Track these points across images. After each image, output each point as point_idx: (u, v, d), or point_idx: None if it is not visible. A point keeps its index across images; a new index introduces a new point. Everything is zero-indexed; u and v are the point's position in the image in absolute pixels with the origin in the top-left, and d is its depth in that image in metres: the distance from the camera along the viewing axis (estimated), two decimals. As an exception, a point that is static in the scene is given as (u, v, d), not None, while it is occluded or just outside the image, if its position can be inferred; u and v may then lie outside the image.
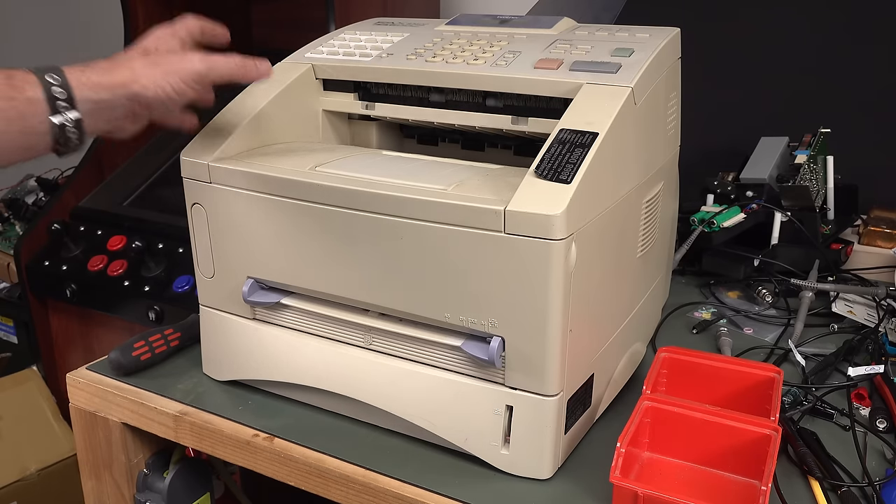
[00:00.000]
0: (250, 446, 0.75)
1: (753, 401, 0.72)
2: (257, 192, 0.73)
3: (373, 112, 0.87)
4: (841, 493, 0.67)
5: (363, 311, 0.74)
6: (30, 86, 0.63)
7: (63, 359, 1.66)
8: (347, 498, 0.71)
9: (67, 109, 0.64)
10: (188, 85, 0.69)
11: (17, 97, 0.62)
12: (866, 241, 1.15)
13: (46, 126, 0.64)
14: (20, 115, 0.62)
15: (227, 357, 0.83)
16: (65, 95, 0.64)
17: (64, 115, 0.64)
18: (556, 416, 0.67)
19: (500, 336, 0.66)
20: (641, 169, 0.77)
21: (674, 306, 1.03)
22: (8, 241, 1.79)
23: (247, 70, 0.72)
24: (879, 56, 1.29)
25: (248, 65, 0.72)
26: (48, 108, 0.63)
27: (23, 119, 0.63)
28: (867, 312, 0.99)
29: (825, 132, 1.17)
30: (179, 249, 1.43)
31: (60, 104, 0.64)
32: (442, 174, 0.71)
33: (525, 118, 0.78)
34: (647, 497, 0.60)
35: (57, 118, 0.64)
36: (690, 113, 0.91)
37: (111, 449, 0.85)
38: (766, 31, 1.37)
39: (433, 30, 0.90)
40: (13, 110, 0.62)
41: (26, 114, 0.63)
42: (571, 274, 0.63)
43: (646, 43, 0.78)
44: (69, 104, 0.64)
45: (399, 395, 0.72)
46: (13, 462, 1.53)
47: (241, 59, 0.72)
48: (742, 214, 1.09)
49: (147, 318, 1.42)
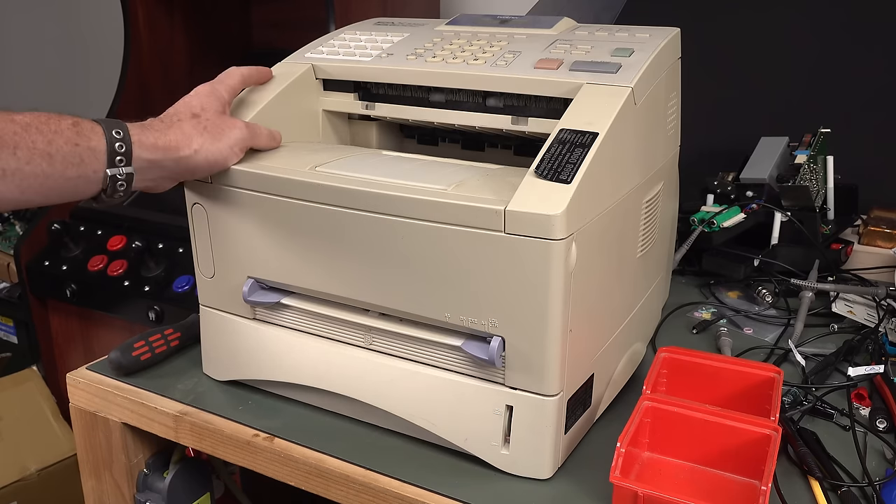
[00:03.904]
0: (250, 446, 0.75)
1: (753, 401, 0.72)
2: (257, 192, 0.73)
3: (373, 112, 0.87)
4: (841, 493, 0.67)
5: (363, 311, 0.74)
6: (95, 136, 0.66)
7: (63, 359, 1.67)
8: (347, 498, 0.71)
9: (123, 164, 0.67)
10: (235, 154, 0.74)
11: (81, 144, 0.65)
12: (866, 241, 1.15)
13: (100, 176, 0.66)
14: (80, 161, 0.65)
15: (227, 357, 0.83)
16: (124, 149, 0.67)
17: (119, 169, 0.67)
18: (556, 416, 0.67)
19: (501, 336, 0.66)
20: (641, 169, 0.77)
21: (674, 306, 1.03)
22: (8, 241, 1.79)
23: (276, 143, 0.79)
24: (879, 56, 1.29)
25: (277, 139, 0.79)
26: (107, 160, 0.66)
27: (81, 166, 0.65)
28: (867, 312, 0.99)
29: (825, 132, 1.16)
30: (179, 249, 1.44)
31: (119, 159, 0.67)
32: (442, 174, 0.71)
33: (525, 118, 0.78)
34: (647, 497, 0.60)
35: (112, 171, 0.66)
36: (690, 113, 0.91)
37: (111, 449, 0.85)
38: (766, 31, 1.37)
39: (433, 30, 0.90)
40: (76, 156, 0.65)
41: (86, 161, 0.65)
42: (571, 274, 0.63)
43: (646, 43, 0.78)
44: (126, 160, 0.67)
45: (399, 395, 0.72)
46: (13, 462, 1.53)
47: (274, 133, 0.78)
48: (742, 214, 1.09)
49: (147, 318, 1.42)
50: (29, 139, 0.62)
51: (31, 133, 0.62)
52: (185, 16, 1.77)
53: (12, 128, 0.62)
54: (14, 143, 0.61)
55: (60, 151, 0.64)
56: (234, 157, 0.74)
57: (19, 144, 0.62)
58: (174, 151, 0.70)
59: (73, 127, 0.65)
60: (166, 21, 1.74)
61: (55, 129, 0.64)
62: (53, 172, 0.64)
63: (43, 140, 0.63)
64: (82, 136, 0.65)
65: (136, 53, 1.69)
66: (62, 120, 0.65)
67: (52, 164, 0.63)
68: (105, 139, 0.66)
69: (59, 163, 0.64)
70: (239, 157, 0.74)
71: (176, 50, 1.77)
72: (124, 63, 1.69)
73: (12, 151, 0.61)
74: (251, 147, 0.76)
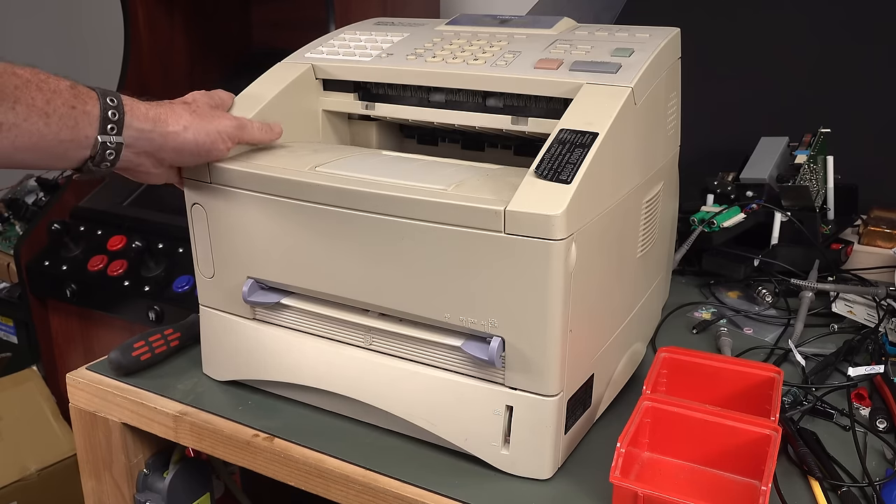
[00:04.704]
0: (250, 446, 0.75)
1: (753, 401, 0.72)
2: (257, 193, 0.73)
3: (373, 112, 0.87)
4: (841, 493, 0.67)
5: (363, 311, 0.74)
6: (91, 100, 0.66)
7: (63, 359, 1.66)
8: (347, 498, 0.71)
9: (115, 133, 0.67)
10: (221, 139, 0.73)
11: (77, 107, 0.65)
12: (866, 241, 1.15)
13: (91, 142, 0.66)
14: (75, 124, 0.65)
15: (226, 357, 0.83)
16: (116, 117, 0.67)
17: (110, 137, 0.67)
18: (556, 417, 0.67)
19: (500, 336, 0.66)
20: (641, 169, 0.77)
21: (674, 306, 1.03)
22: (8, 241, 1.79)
23: (272, 135, 0.79)
24: (879, 56, 1.29)
25: (276, 130, 0.79)
26: (99, 126, 0.66)
27: (75, 129, 0.65)
28: (867, 312, 0.99)
29: (825, 132, 1.17)
30: (179, 249, 1.44)
31: (110, 126, 0.66)
32: (442, 174, 0.71)
33: (525, 118, 0.78)
34: (647, 497, 0.60)
35: (103, 137, 0.66)
36: (690, 113, 0.91)
37: (111, 449, 0.85)
38: (766, 30, 1.37)
39: (433, 30, 0.90)
40: (71, 119, 0.64)
41: (80, 125, 0.65)
42: (571, 274, 0.63)
43: (646, 43, 0.78)
44: (118, 128, 0.67)
45: (399, 395, 0.72)
46: (13, 462, 1.53)
47: (266, 125, 0.78)
48: (742, 214, 1.09)
49: (147, 318, 1.42)
50: (28, 95, 0.62)
51: (30, 90, 0.62)
52: (185, 16, 1.77)
53: (14, 81, 0.61)
54: (14, 97, 0.61)
55: (57, 112, 0.63)
56: (221, 144, 0.73)
57: (19, 99, 0.61)
58: (163, 125, 0.69)
59: (70, 89, 0.65)
60: (166, 21, 1.74)
61: (54, 89, 0.63)
62: (48, 133, 0.63)
63: (42, 98, 0.62)
64: (79, 99, 0.65)
65: (136, 54, 1.69)
66: (60, 81, 0.64)
67: (49, 124, 0.63)
68: (100, 104, 0.66)
69: (55, 123, 0.63)
70: (227, 147, 0.74)
71: (176, 50, 1.77)
72: (124, 63, 1.69)
73: (11, 106, 0.61)
74: (243, 141, 0.76)
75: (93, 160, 0.67)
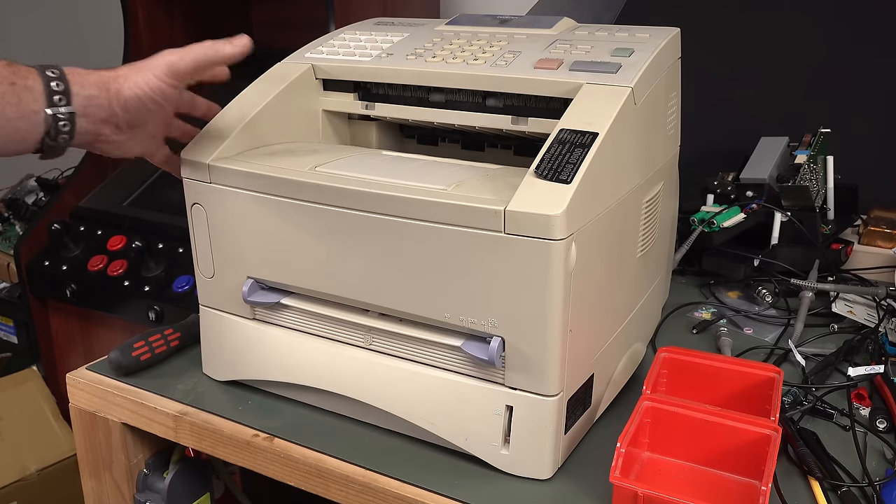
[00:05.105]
0: (250, 446, 0.75)
1: (753, 401, 0.72)
2: (257, 192, 0.73)
3: (373, 112, 0.87)
4: (841, 493, 0.67)
5: (363, 311, 0.74)
6: (31, 76, 0.65)
7: (63, 359, 1.66)
8: (347, 498, 0.71)
9: (63, 104, 0.66)
10: (160, 80, 0.70)
11: (17, 83, 0.64)
12: (866, 241, 1.15)
13: (41, 117, 0.65)
14: (19, 101, 0.64)
15: (226, 357, 0.83)
16: (62, 88, 0.65)
17: (59, 108, 0.65)
18: (556, 417, 0.67)
19: (500, 336, 0.66)
20: (641, 169, 0.77)
21: (674, 306, 1.03)
22: (8, 241, 1.79)
23: (217, 48, 0.71)
24: (879, 56, 1.29)
25: (219, 43, 0.71)
26: (45, 99, 0.65)
27: (20, 105, 0.64)
28: (867, 312, 0.99)
29: (825, 132, 1.17)
30: (179, 249, 1.43)
31: (57, 97, 0.65)
32: (442, 174, 0.71)
33: (525, 118, 0.78)
34: (647, 497, 0.60)
35: (52, 109, 0.65)
36: (690, 113, 0.91)
37: (111, 449, 0.85)
38: (766, 30, 1.37)
39: (433, 30, 0.90)
40: (13, 95, 0.63)
41: (24, 101, 0.64)
42: (571, 274, 0.63)
43: (646, 43, 0.78)
44: (65, 97, 0.66)
45: (399, 395, 0.72)
46: (13, 462, 1.53)
47: (211, 41, 0.71)
48: (742, 214, 1.09)
49: (147, 318, 1.42)
50: None
51: None
52: (185, 16, 1.77)
53: None
54: None
55: None
56: (164, 82, 0.70)
57: None
58: (106, 84, 0.68)
59: (7, 67, 0.64)
60: (166, 21, 1.74)
61: None
62: None
63: None
64: (18, 76, 0.64)
65: (136, 53, 1.69)
66: None
67: None
68: (41, 78, 0.65)
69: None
70: (173, 85, 0.70)
71: (176, 50, 1.77)
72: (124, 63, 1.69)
73: None
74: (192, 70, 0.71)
75: (49, 135, 0.66)
